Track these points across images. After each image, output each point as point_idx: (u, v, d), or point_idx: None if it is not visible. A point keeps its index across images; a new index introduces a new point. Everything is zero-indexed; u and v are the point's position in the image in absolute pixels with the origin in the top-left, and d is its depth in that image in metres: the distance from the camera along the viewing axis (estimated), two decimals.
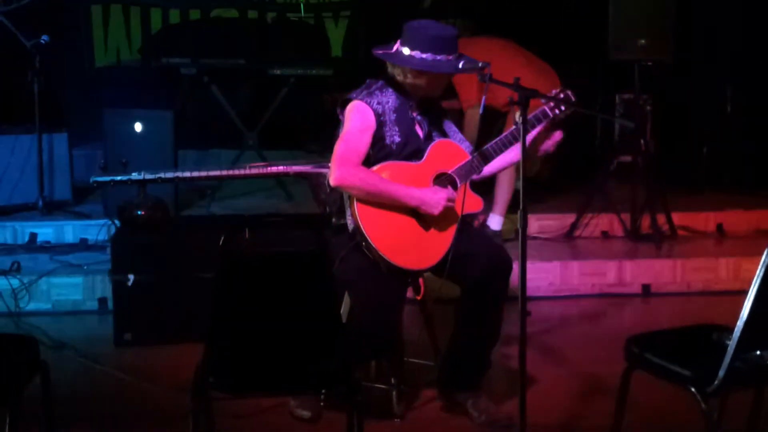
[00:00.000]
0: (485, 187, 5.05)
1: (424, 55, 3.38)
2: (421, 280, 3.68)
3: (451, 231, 3.45)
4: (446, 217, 3.42)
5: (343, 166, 3.34)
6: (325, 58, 7.64)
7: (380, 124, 3.43)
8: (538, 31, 7.29)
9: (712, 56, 7.16)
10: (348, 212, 3.41)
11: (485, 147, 3.52)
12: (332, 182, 3.37)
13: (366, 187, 3.34)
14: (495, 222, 5.57)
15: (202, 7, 8.04)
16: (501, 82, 3.17)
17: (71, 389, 3.81)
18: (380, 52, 3.51)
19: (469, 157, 3.50)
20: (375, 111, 3.42)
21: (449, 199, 3.40)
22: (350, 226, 3.41)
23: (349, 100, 3.48)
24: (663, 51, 5.74)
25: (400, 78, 3.48)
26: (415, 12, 6.97)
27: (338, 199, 3.50)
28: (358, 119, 3.42)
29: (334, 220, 3.54)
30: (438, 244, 3.44)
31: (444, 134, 3.62)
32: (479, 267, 3.42)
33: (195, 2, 8.04)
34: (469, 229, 3.61)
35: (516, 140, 3.45)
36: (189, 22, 7.98)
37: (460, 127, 4.40)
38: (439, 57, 3.38)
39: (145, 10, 7.95)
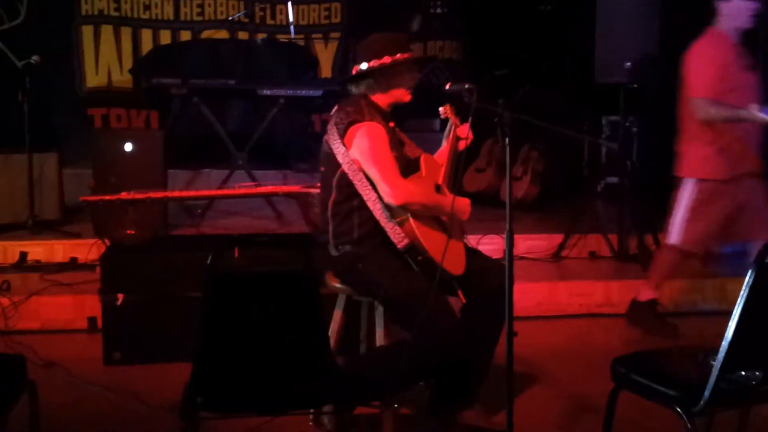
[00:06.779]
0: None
1: (381, 60, 3.44)
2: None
3: (461, 237, 3.59)
4: (454, 224, 3.50)
5: (400, 185, 3.34)
6: (315, 79, 7.66)
7: None
8: (525, 56, 7.38)
9: None
10: (390, 231, 3.36)
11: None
12: (396, 202, 3.32)
13: (425, 201, 3.40)
14: None
15: (192, 28, 8.08)
16: (489, 106, 3.17)
17: (59, 408, 3.79)
18: (346, 78, 3.57)
19: (443, 166, 3.61)
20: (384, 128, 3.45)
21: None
22: (401, 244, 3.36)
23: (352, 123, 3.41)
24: (648, 73, 5.79)
25: (371, 94, 3.51)
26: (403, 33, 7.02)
27: (328, 218, 3.50)
28: (380, 138, 3.40)
29: (330, 241, 3.53)
30: (460, 249, 3.54)
31: (407, 144, 3.70)
32: (495, 278, 3.38)
33: (185, 23, 8.09)
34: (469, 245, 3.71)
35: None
36: (179, 42, 8.02)
37: None
38: (396, 57, 3.44)
39: (136, 31, 8.00)
